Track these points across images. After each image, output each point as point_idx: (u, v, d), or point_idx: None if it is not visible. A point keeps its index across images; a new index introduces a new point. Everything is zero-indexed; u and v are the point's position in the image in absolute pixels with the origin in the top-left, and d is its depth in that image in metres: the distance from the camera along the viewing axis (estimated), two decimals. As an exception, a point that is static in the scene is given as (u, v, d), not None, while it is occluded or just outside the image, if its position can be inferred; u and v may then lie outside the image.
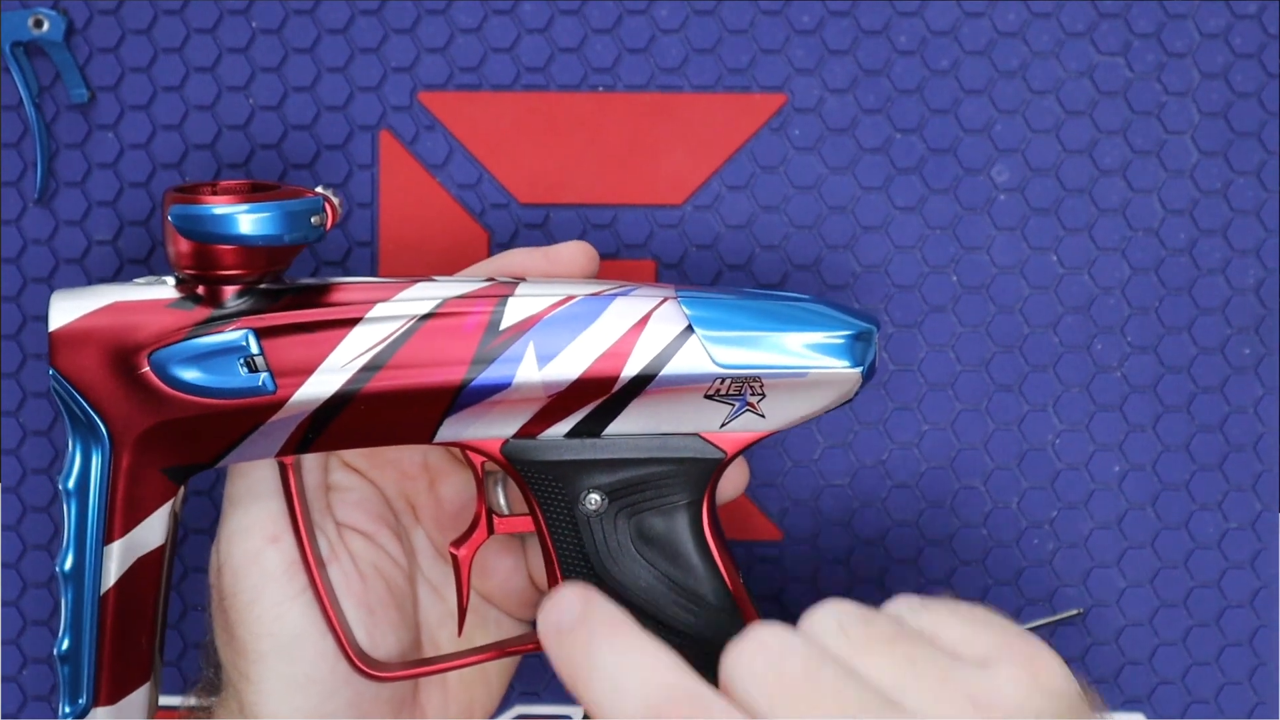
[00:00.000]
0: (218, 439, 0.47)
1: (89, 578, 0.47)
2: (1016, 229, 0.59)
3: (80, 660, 0.47)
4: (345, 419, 0.47)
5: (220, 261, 0.47)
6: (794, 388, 0.48)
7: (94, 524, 0.47)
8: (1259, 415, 0.59)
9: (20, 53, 0.59)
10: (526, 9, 0.59)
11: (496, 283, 0.49)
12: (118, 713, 0.48)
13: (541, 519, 0.49)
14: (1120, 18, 0.59)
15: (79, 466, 0.47)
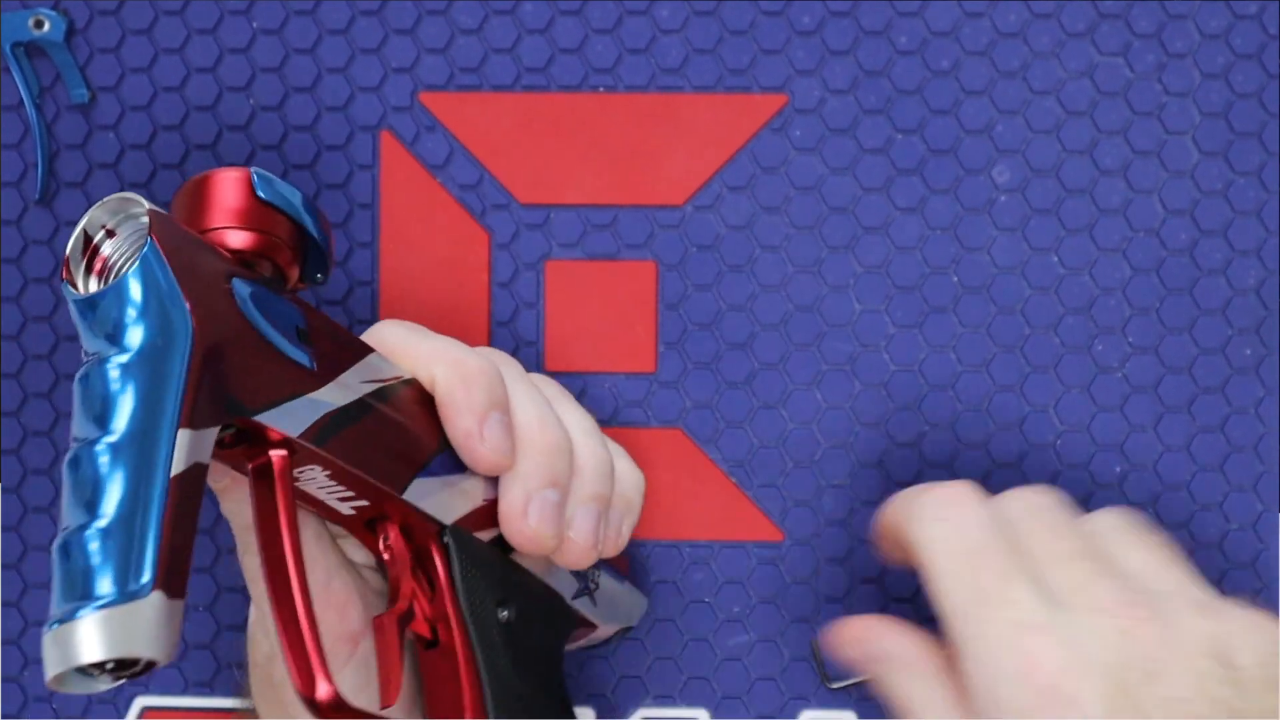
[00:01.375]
0: (265, 389, 0.44)
1: (163, 451, 0.40)
2: (1017, 230, 0.59)
3: (134, 535, 0.40)
4: (358, 429, 0.46)
5: (288, 246, 0.46)
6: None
7: (174, 397, 0.41)
8: (1260, 416, 0.59)
9: (20, 53, 0.59)
10: (527, 9, 0.59)
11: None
12: (172, 612, 0.40)
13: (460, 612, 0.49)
14: (1121, 18, 0.59)
15: (161, 340, 0.41)
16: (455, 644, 0.48)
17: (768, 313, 0.60)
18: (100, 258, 0.42)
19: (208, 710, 0.61)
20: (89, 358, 0.41)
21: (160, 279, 0.41)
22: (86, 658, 0.38)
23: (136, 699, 0.61)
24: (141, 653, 0.39)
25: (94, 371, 0.41)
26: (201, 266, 0.42)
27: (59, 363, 0.61)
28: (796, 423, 0.60)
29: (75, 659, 0.38)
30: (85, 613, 0.38)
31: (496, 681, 0.49)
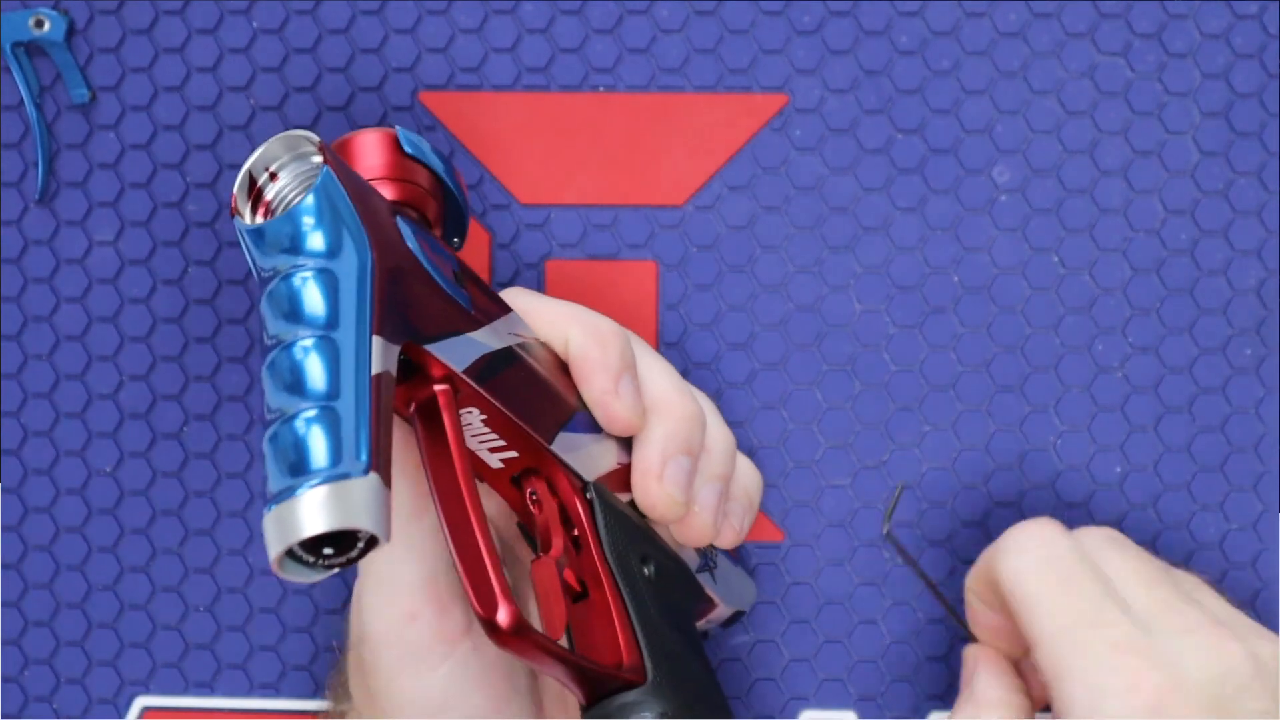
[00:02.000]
0: (434, 321, 0.45)
1: (363, 346, 0.41)
2: (1018, 230, 0.59)
3: (347, 418, 0.39)
4: (511, 374, 0.48)
5: (433, 199, 0.48)
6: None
7: (365, 302, 0.41)
8: (1260, 416, 0.59)
9: (21, 53, 0.59)
10: (527, 9, 0.59)
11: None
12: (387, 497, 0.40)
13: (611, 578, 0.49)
14: (1121, 18, 0.59)
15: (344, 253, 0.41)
16: (606, 593, 0.49)
17: (768, 313, 0.60)
18: (264, 201, 0.43)
19: (208, 710, 0.61)
20: (268, 274, 0.41)
21: (338, 203, 0.42)
22: (309, 530, 0.38)
23: (136, 699, 0.61)
24: (364, 525, 0.38)
25: (282, 283, 0.41)
26: (372, 200, 0.43)
27: (59, 363, 0.61)
28: (796, 423, 0.60)
29: (298, 533, 0.38)
30: (305, 488, 0.38)
31: (648, 626, 0.49)
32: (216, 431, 0.60)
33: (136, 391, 0.60)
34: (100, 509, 0.61)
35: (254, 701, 0.61)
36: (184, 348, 0.60)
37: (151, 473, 0.61)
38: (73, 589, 0.61)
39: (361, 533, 0.39)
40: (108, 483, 0.61)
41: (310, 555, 0.39)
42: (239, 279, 0.60)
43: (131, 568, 0.61)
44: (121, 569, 0.61)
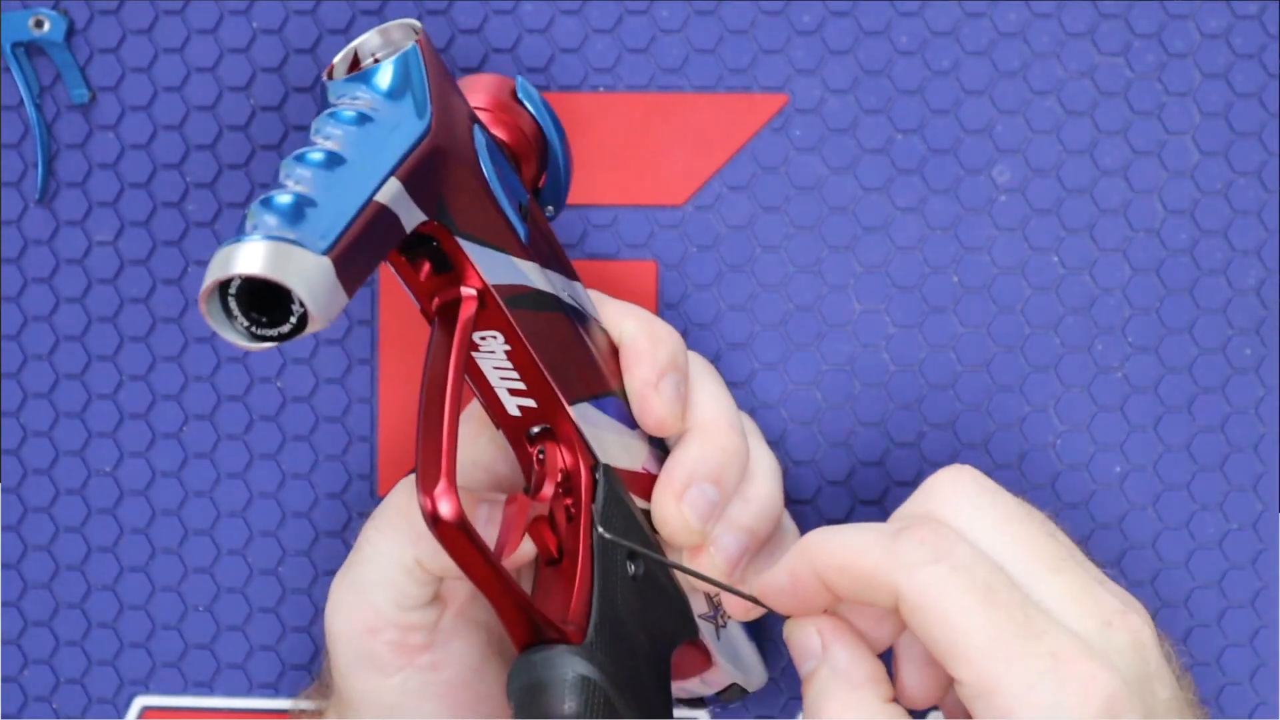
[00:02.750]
0: (476, 223, 0.46)
1: (377, 173, 0.42)
2: (1017, 229, 0.59)
3: (327, 210, 0.41)
4: (550, 320, 0.48)
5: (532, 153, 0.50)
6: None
7: (398, 146, 0.43)
8: (1260, 416, 0.59)
9: (21, 53, 0.59)
10: (527, 9, 0.59)
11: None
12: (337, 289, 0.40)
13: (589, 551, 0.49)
14: (1121, 18, 0.59)
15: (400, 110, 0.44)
16: (577, 565, 0.48)
17: (768, 313, 0.60)
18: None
19: (207, 710, 0.61)
20: (334, 105, 0.44)
21: (414, 73, 0.44)
22: (241, 268, 0.39)
23: (136, 699, 0.61)
24: (294, 285, 0.39)
25: (339, 110, 0.43)
26: (451, 95, 0.46)
27: (59, 363, 0.61)
28: (796, 422, 0.60)
29: (231, 268, 0.39)
30: (255, 236, 0.39)
31: (606, 604, 0.48)
32: (216, 431, 0.60)
33: (136, 391, 0.60)
34: (100, 509, 0.61)
35: (253, 701, 0.61)
36: (184, 348, 0.60)
37: (151, 473, 0.61)
38: (73, 589, 0.61)
39: (295, 304, 0.40)
40: (108, 483, 0.61)
41: (241, 314, 0.40)
42: (239, 279, 0.60)
43: (131, 568, 0.61)
44: (121, 569, 0.61)
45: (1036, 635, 0.44)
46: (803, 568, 0.46)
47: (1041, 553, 0.45)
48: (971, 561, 0.44)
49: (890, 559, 0.44)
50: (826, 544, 0.46)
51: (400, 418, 0.60)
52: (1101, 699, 0.43)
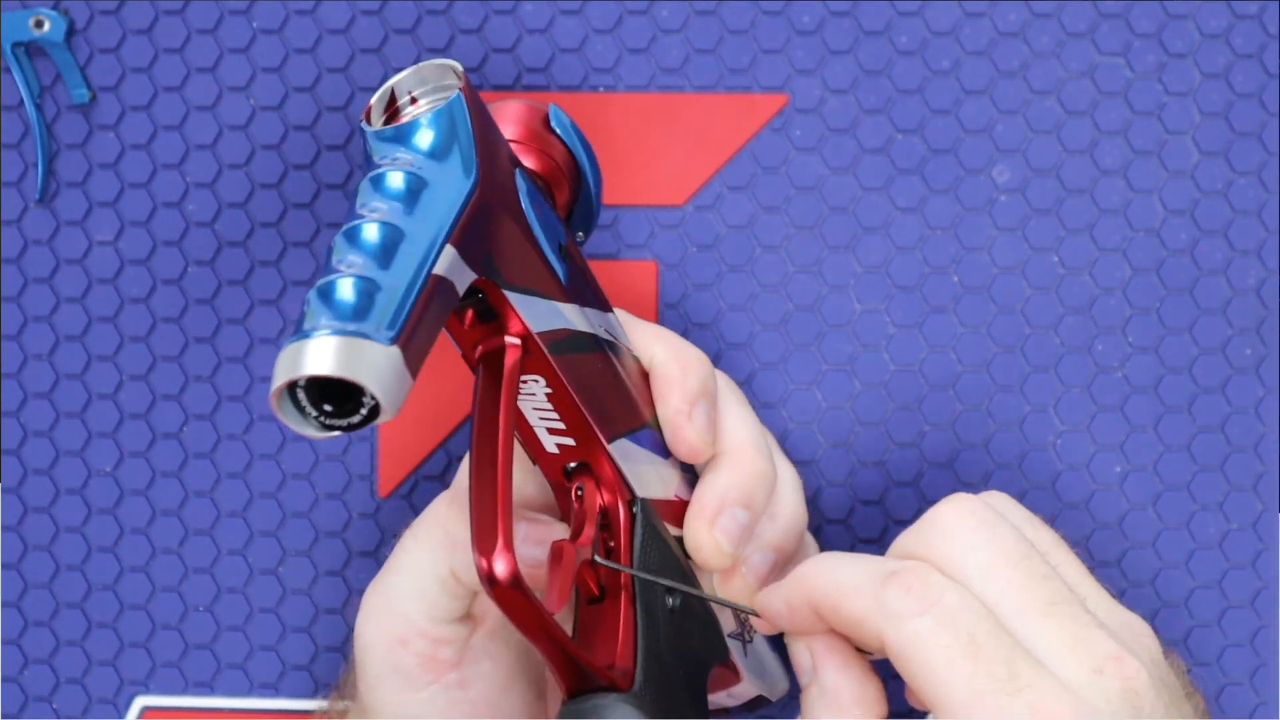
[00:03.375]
0: (522, 273, 0.46)
1: (433, 244, 0.42)
2: (1017, 229, 0.59)
3: (391, 292, 0.41)
4: (589, 361, 0.49)
5: (565, 179, 0.50)
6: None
7: (450, 211, 0.43)
8: (1260, 416, 0.59)
9: (21, 53, 0.59)
10: (527, 9, 0.59)
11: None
12: (405, 376, 0.41)
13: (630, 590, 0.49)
14: (1121, 18, 0.59)
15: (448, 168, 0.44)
16: (620, 603, 0.48)
17: (768, 313, 0.60)
18: (398, 118, 0.45)
19: (208, 710, 0.61)
20: (378, 166, 0.43)
21: (459, 125, 0.44)
22: (311, 369, 0.39)
23: (136, 699, 0.61)
24: (366, 382, 0.39)
25: (388, 171, 0.43)
26: (495, 143, 0.45)
27: (59, 363, 0.61)
28: (796, 423, 0.60)
29: (301, 369, 0.39)
30: (323, 332, 0.39)
31: (651, 645, 0.48)
32: (216, 431, 0.60)
33: (136, 391, 0.60)
34: (100, 509, 0.61)
35: (254, 701, 0.61)
36: (184, 348, 0.60)
37: (151, 473, 0.61)
38: (73, 589, 0.61)
39: (366, 397, 0.40)
40: (108, 483, 0.61)
41: (311, 406, 0.40)
42: (239, 279, 0.60)
43: (131, 568, 0.61)
44: (121, 569, 0.61)
45: (1017, 690, 0.44)
46: (799, 598, 0.47)
47: (1035, 595, 0.45)
48: (957, 611, 0.44)
49: (877, 608, 0.45)
50: (820, 579, 0.47)
51: (400, 417, 0.60)
52: None
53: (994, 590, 0.45)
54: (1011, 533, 0.46)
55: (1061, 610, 0.45)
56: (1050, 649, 0.45)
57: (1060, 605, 0.45)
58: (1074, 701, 0.44)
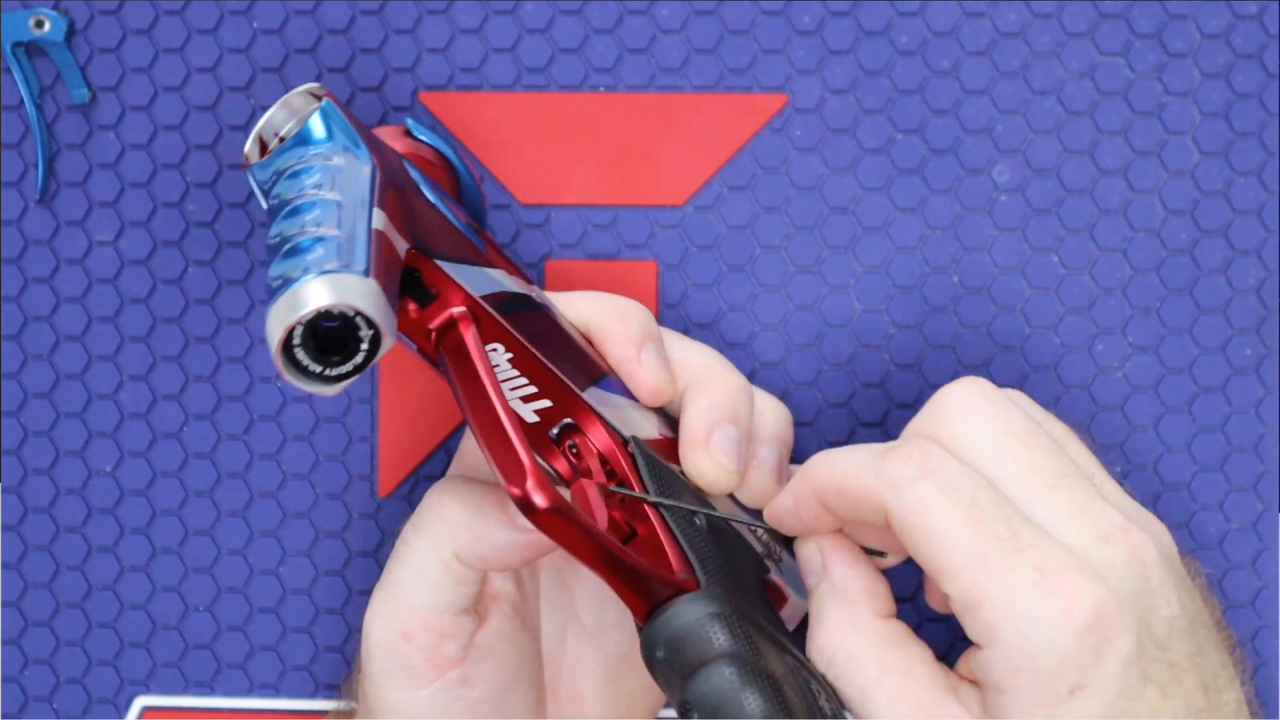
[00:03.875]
0: (444, 244, 0.47)
1: (364, 207, 0.44)
2: (1017, 229, 0.59)
3: (349, 241, 0.43)
4: (535, 317, 0.49)
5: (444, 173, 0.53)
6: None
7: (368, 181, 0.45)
8: (1260, 416, 0.59)
9: (21, 53, 0.59)
10: (527, 9, 0.59)
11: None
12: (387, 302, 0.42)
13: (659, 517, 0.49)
14: (1121, 18, 0.59)
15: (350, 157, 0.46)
16: (654, 526, 0.48)
17: (768, 313, 0.60)
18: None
19: (208, 710, 0.61)
20: (292, 166, 0.45)
21: (340, 123, 0.46)
22: (314, 303, 0.41)
23: (136, 699, 0.61)
24: (363, 306, 0.41)
25: (298, 169, 0.45)
26: (376, 139, 0.47)
27: (59, 363, 0.61)
28: (797, 422, 0.60)
29: (301, 307, 0.41)
30: (306, 277, 0.41)
31: (699, 548, 0.48)
32: (216, 431, 0.60)
33: (136, 391, 0.60)
34: (100, 509, 0.61)
35: (254, 701, 0.61)
36: (184, 348, 0.60)
37: (151, 473, 0.61)
38: (73, 589, 0.61)
39: (363, 330, 0.41)
40: (108, 483, 0.61)
41: (313, 362, 0.41)
42: (239, 279, 0.60)
43: (131, 568, 0.61)
44: (121, 569, 0.61)
45: (1020, 549, 0.43)
46: (805, 491, 0.48)
47: (1040, 468, 0.45)
48: (958, 478, 0.45)
49: (879, 479, 0.45)
50: (823, 468, 0.48)
51: (400, 418, 0.60)
52: (1086, 612, 0.43)
53: (999, 465, 0.45)
54: (1019, 413, 0.46)
55: (1068, 483, 0.45)
56: (1055, 518, 0.45)
57: (1067, 479, 0.45)
58: (1078, 563, 0.43)
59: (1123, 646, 0.43)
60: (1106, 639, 0.43)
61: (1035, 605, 0.43)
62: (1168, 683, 0.44)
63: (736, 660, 0.45)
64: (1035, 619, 0.43)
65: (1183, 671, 0.44)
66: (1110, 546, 0.44)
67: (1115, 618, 0.43)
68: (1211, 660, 0.45)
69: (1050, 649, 0.43)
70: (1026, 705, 0.43)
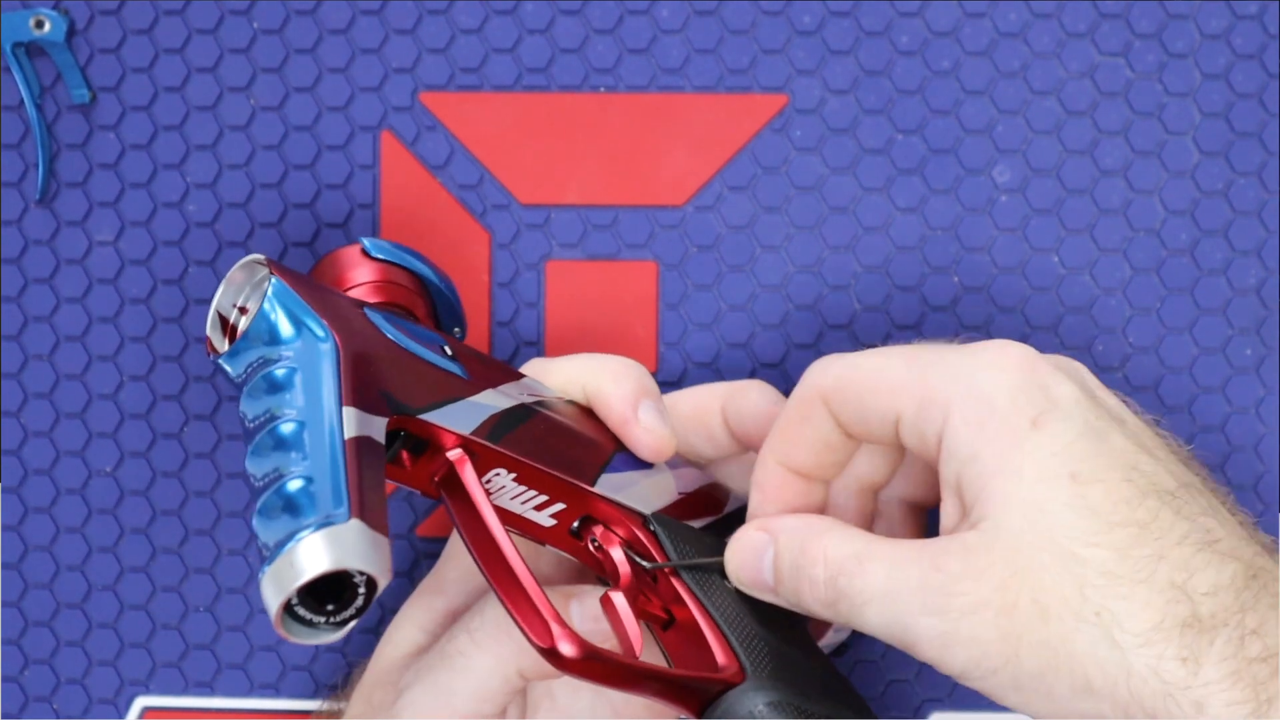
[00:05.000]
0: (423, 392, 0.47)
1: (334, 418, 0.44)
2: (1017, 230, 0.59)
3: (324, 478, 0.42)
4: (530, 428, 0.49)
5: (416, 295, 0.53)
6: None
7: (333, 381, 0.44)
8: (1260, 416, 0.59)
9: (21, 53, 0.59)
10: (528, 9, 0.59)
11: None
12: (377, 540, 0.42)
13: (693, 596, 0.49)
14: (1121, 18, 0.59)
15: (309, 343, 0.45)
16: (690, 610, 0.49)
17: (768, 313, 0.60)
18: (238, 334, 0.46)
19: (208, 710, 0.61)
20: (244, 377, 0.45)
21: (291, 304, 0.45)
22: (311, 571, 0.41)
23: (137, 699, 0.61)
24: (357, 564, 0.41)
25: (256, 377, 0.44)
26: (330, 298, 0.46)
27: (59, 363, 0.61)
28: (797, 423, 0.60)
29: (300, 575, 0.41)
30: (299, 538, 0.41)
31: (739, 628, 0.48)
32: (216, 431, 0.60)
33: (136, 391, 0.60)
34: (100, 509, 0.61)
35: (254, 701, 0.61)
36: (184, 348, 0.60)
37: (151, 473, 0.61)
38: (73, 589, 0.61)
39: (358, 577, 0.41)
40: (108, 483, 0.61)
41: (314, 613, 0.42)
42: (239, 279, 0.60)
43: (131, 568, 0.61)
44: (121, 569, 0.61)
45: (935, 348, 0.47)
46: (810, 395, 0.49)
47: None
48: (854, 353, 0.49)
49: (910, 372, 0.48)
50: (833, 372, 0.49)
51: (400, 418, 0.60)
52: (1018, 354, 0.46)
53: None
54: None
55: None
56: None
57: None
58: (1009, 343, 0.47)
59: (1069, 389, 0.45)
60: (1049, 381, 0.45)
61: (971, 362, 0.46)
62: (1135, 447, 0.45)
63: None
64: (974, 375, 0.45)
65: (1150, 448, 0.46)
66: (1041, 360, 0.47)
67: (1050, 369, 0.46)
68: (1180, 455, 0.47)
69: (999, 387, 0.45)
70: (995, 452, 0.44)
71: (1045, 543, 0.43)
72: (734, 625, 0.49)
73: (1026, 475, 0.44)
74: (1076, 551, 0.43)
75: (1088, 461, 0.44)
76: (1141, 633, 0.42)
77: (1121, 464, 0.44)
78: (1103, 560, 0.42)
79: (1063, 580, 0.42)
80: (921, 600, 0.44)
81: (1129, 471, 0.44)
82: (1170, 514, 0.43)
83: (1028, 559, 0.43)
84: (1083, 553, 0.43)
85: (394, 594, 0.59)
